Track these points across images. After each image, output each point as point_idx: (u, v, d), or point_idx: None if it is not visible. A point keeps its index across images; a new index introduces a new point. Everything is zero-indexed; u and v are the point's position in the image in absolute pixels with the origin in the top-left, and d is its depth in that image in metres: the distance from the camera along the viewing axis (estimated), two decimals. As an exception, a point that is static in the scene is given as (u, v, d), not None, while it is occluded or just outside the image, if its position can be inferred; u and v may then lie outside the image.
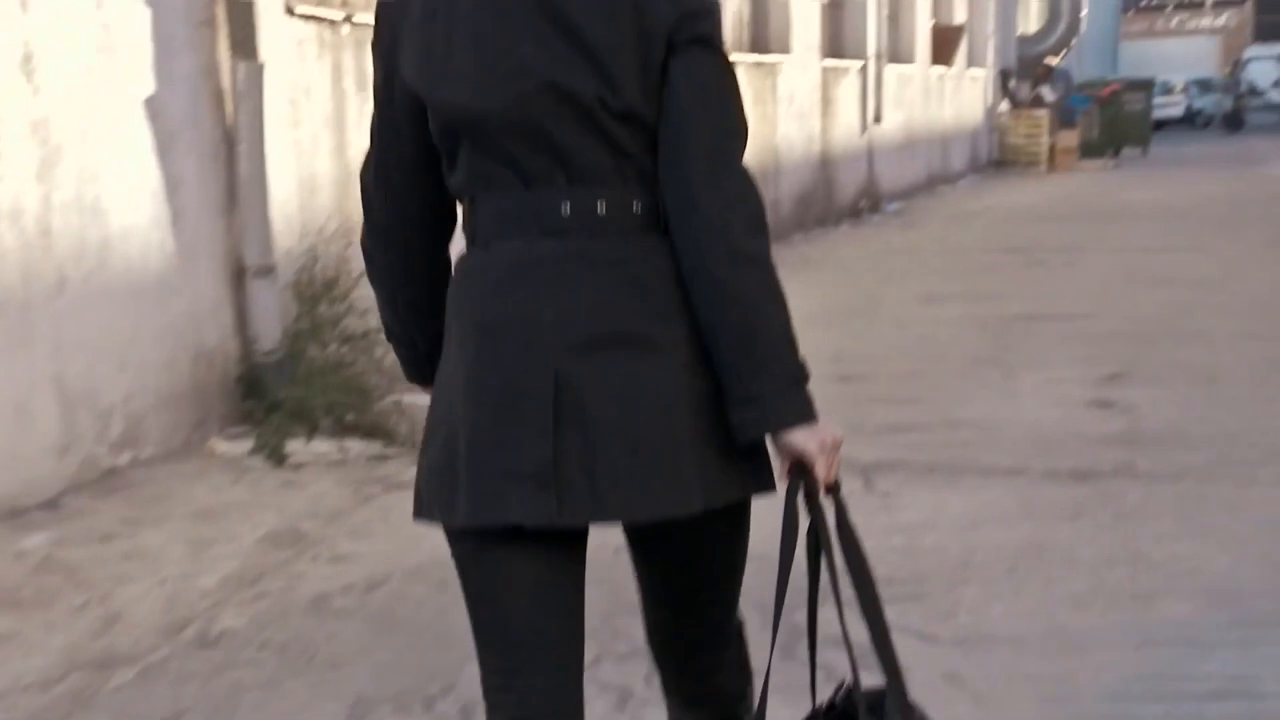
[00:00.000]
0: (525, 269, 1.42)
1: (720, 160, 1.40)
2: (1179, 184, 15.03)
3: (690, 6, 1.40)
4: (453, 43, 1.42)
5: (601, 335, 1.41)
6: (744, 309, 1.39)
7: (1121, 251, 8.59)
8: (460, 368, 1.44)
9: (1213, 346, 5.39)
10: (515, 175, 1.43)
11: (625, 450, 1.39)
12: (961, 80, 17.50)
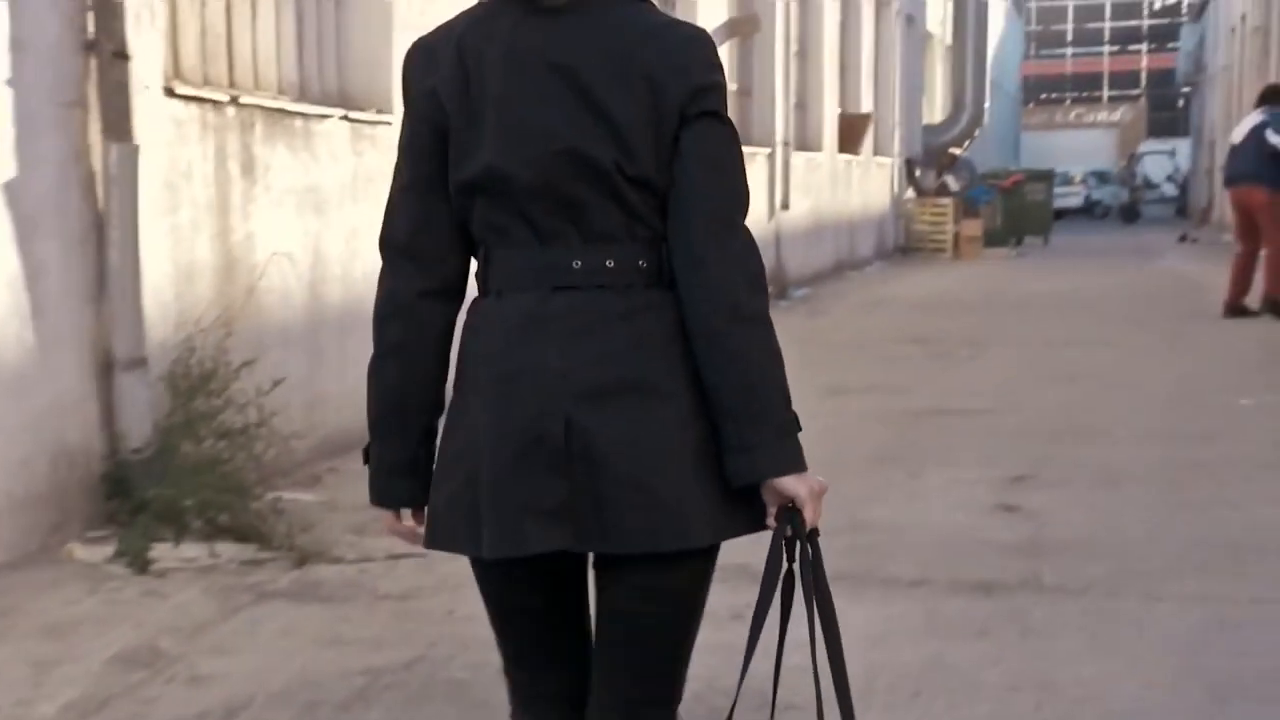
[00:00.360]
0: (538, 321, 1.53)
1: (725, 225, 1.53)
2: (1080, 275, 15.34)
3: (701, 83, 1.53)
4: (482, 104, 1.53)
5: (609, 383, 1.52)
6: (744, 364, 1.52)
7: (1026, 344, 8.63)
8: (478, 413, 1.55)
9: (1116, 446, 5.36)
10: (531, 232, 1.54)
11: (631, 488, 1.51)
12: (869, 168, 17.78)
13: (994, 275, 15.61)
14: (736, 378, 1.52)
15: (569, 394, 1.52)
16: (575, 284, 1.54)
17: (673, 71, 1.52)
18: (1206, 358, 7.76)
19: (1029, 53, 54.30)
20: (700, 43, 1.57)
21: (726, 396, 1.53)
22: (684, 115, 1.53)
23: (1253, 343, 8.26)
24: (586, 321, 1.54)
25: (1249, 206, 9.81)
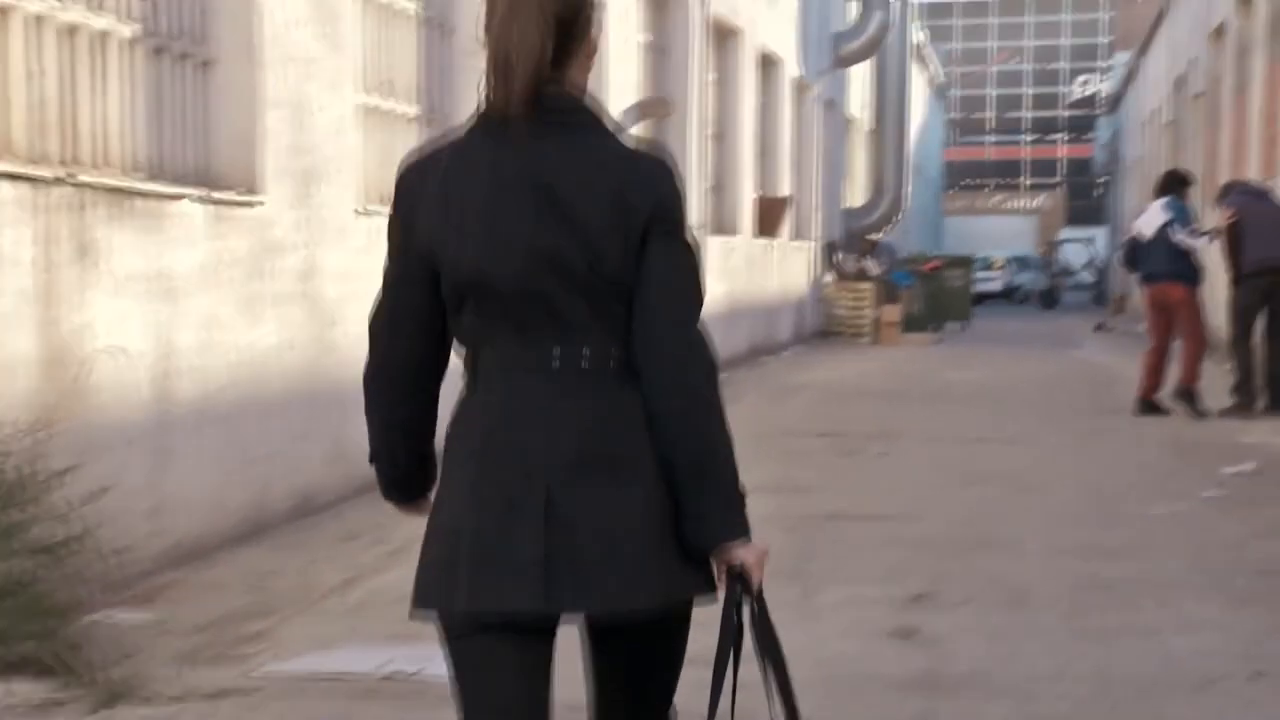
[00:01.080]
0: (521, 406, 1.76)
1: (683, 325, 1.75)
2: (997, 363, 15.26)
3: (663, 200, 1.76)
4: (466, 216, 1.74)
5: (582, 460, 1.73)
6: (699, 443, 1.74)
7: (938, 440, 8.38)
8: (464, 485, 1.75)
9: (1024, 561, 5.06)
10: (514, 328, 1.76)
11: (601, 554, 1.71)
12: (787, 251, 17.67)
13: (912, 362, 15.48)
14: (692, 455, 1.75)
15: (549, 468, 1.73)
16: (552, 375, 1.77)
17: (643, 191, 1.76)
18: (1119, 460, 7.54)
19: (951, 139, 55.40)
20: (664, 168, 1.81)
21: (683, 472, 1.75)
22: (648, 229, 1.75)
23: (1164, 445, 8.06)
24: (563, 406, 1.76)
25: (1167, 303, 9.72)
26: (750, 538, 1.76)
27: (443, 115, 7.63)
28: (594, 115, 1.82)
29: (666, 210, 1.78)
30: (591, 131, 1.81)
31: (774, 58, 16.91)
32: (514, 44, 1.74)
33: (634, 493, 1.75)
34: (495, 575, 1.71)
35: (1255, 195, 9.51)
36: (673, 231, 1.79)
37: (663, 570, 1.75)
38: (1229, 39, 16.09)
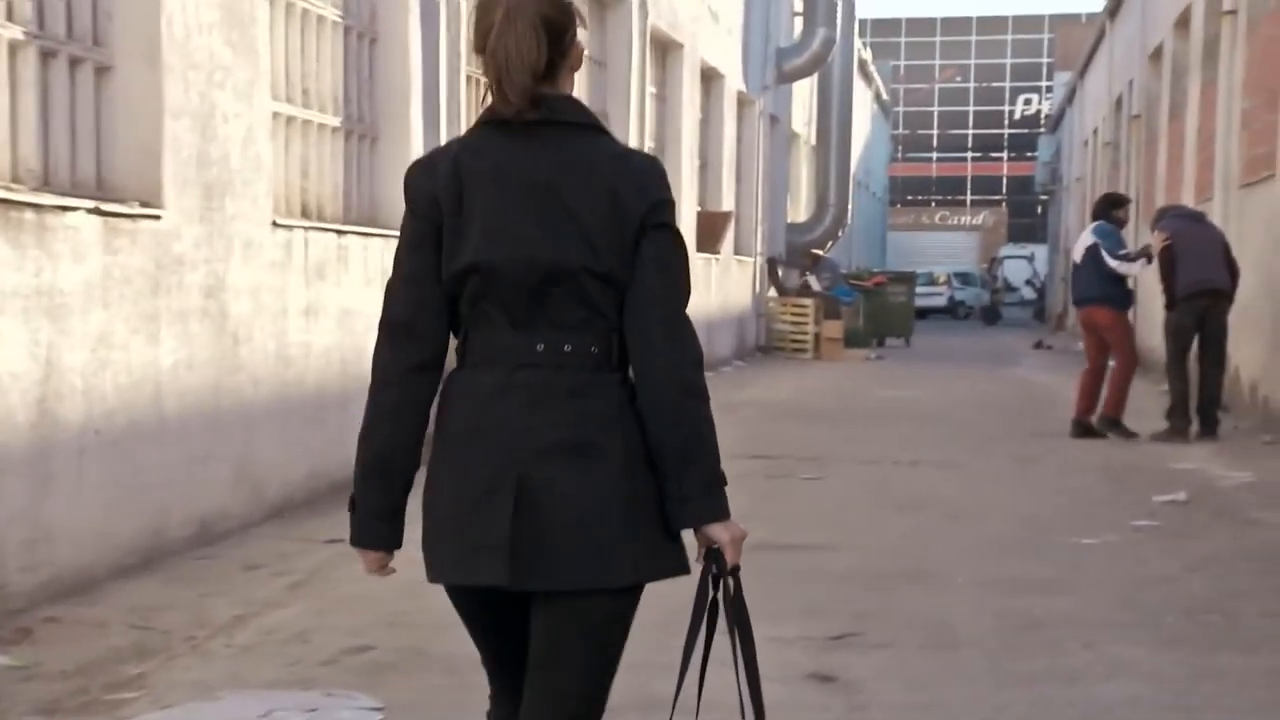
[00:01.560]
0: (503, 392, 1.91)
1: (675, 318, 1.92)
2: (936, 381, 15.21)
3: (655, 199, 1.92)
4: (470, 210, 1.90)
5: (557, 446, 1.89)
6: (686, 430, 1.89)
7: (872, 463, 8.24)
8: (447, 465, 1.93)
9: (952, 596, 4.90)
10: (506, 317, 1.92)
11: (568, 534, 1.87)
12: (729, 266, 17.55)
13: (852, 379, 15.39)
14: (679, 441, 1.88)
15: (524, 454, 1.88)
16: (537, 363, 1.91)
17: (635, 189, 1.90)
18: (1051, 486, 7.43)
19: (896, 155, 55.75)
20: (655, 167, 1.98)
21: (669, 456, 1.89)
22: (643, 224, 1.90)
23: (1097, 471, 7.98)
24: (542, 395, 1.89)
25: (1096, 326, 9.69)
26: (729, 518, 1.93)
27: (366, 125, 7.39)
28: (591, 117, 1.99)
29: (659, 206, 1.93)
30: (589, 132, 1.96)
31: (716, 72, 16.79)
32: (512, 52, 1.90)
33: (604, 478, 1.90)
34: (470, 552, 1.89)
35: (1189, 219, 9.48)
36: (664, 229, 1.94)
37: (633, 550, 1.90)
38: (1166, 61, 16.20)
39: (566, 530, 1.88)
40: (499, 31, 1.92)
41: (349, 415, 6.70)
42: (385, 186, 7.48)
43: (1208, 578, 5.19)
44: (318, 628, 4.26)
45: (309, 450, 6.36)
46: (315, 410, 6.44)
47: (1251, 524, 6.30)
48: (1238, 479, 7.58)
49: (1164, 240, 9.27)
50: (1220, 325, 9.37)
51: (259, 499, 5.86)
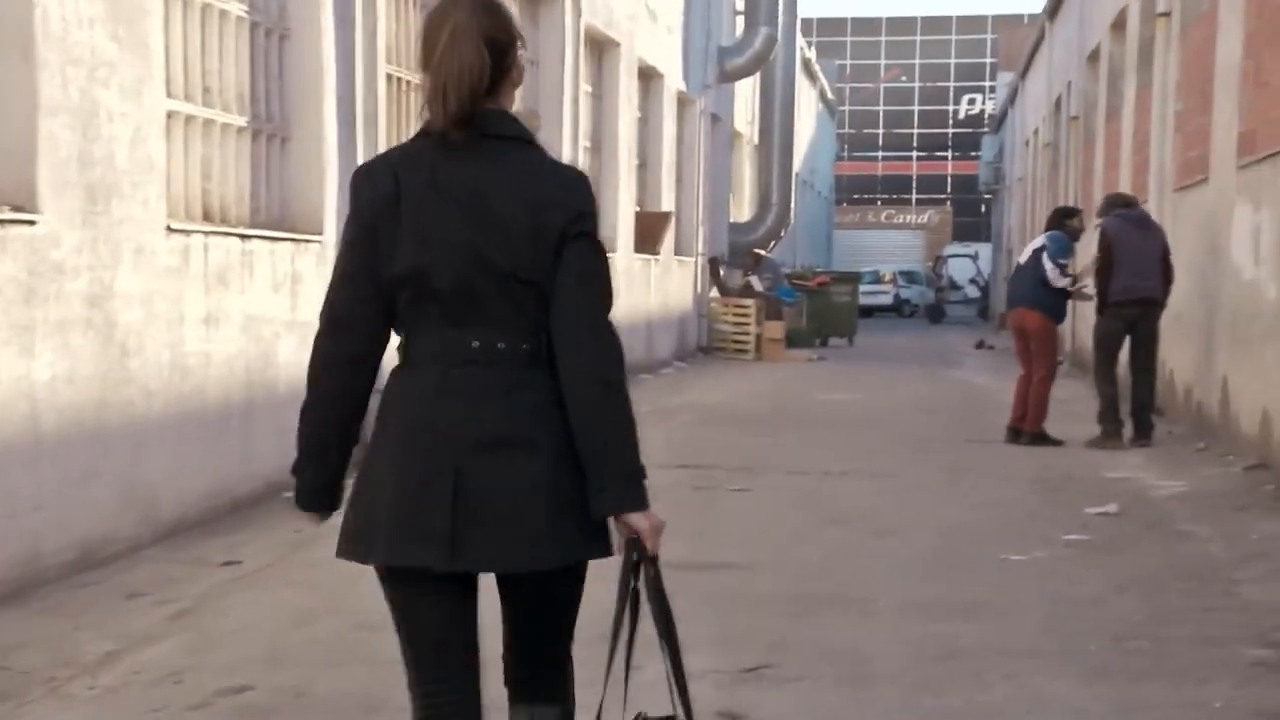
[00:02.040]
0: (442, 389, 2.10)
1: (596, 319, 2.11)
2: (876, 383, 15.10)
3: (578, 210, 2.12)
4: (407, 218, 2.08)
5: (492, 439, 2.08)
6: (606, 423, 2.08)
7: (803, 473, 8.05)
8: (387, 455, 2.10)
9: (873, 622, 4.70)
10: (442, 318, 2.10)
11: (502, 521, 2.06)
12: (669, 267, 17.33)
13: (791, 381, 15.24)
14: (601, 434, 2.06)
15: (461, 447, 2.06)
16: (473, 359, 2.09)
17: (560, 200, 2.08)
18: (982, 498, 7.27)
19: (842, 154, 55.90)
20: (580, 180, 2.15)
21: (591, 448, 2.06)
22: (565, 234, 2.07)
23: (1030, 480, 7.83)
24: (478, 391, 2.07)
25: (1024, 329, 9.58)
26: (648, 508, 2.09)
27: (276, 125, 7.09)
28: (522, 131, 2.14)
29: (581, 218, 2.10)
30: (520, 146, 2.12)
31: (655, 71, 16.56)
32: (455, 71, 2.05)
33: (536, 469, 2.06)
34: (411, 537, 2.05)
35: (1133, 223, 9.32)
36: (586, 236, 2.10)
37: (560, 535, 2.07)
38: (1103, 63, 16.19)
39: (500, 518, 2.05)
40: (445, 49, 2.07)
41: (255, 426, 6.41)
42: (297, 188, 7.18)
43: (1137, 598, 5.04)
44: (193, 666, 3.98)
45: (209, 465, 6.05)
46: (218, 422, 6.13)
47: (1182, 537, 6.17)
48: (1170, 488, 7.47)
49: (1100, 253, 9.18)
50: (1150, 331, 9.28)
51: (150, 519, 5.55)
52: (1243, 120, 8.81)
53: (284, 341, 6.72)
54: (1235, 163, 8.92)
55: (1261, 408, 7.94)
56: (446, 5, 2.14)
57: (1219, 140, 9.50)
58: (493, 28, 2.11)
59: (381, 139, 7.86)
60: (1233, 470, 7.97)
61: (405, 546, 2.07)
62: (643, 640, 2.21)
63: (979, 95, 59.73)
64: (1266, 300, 7.98)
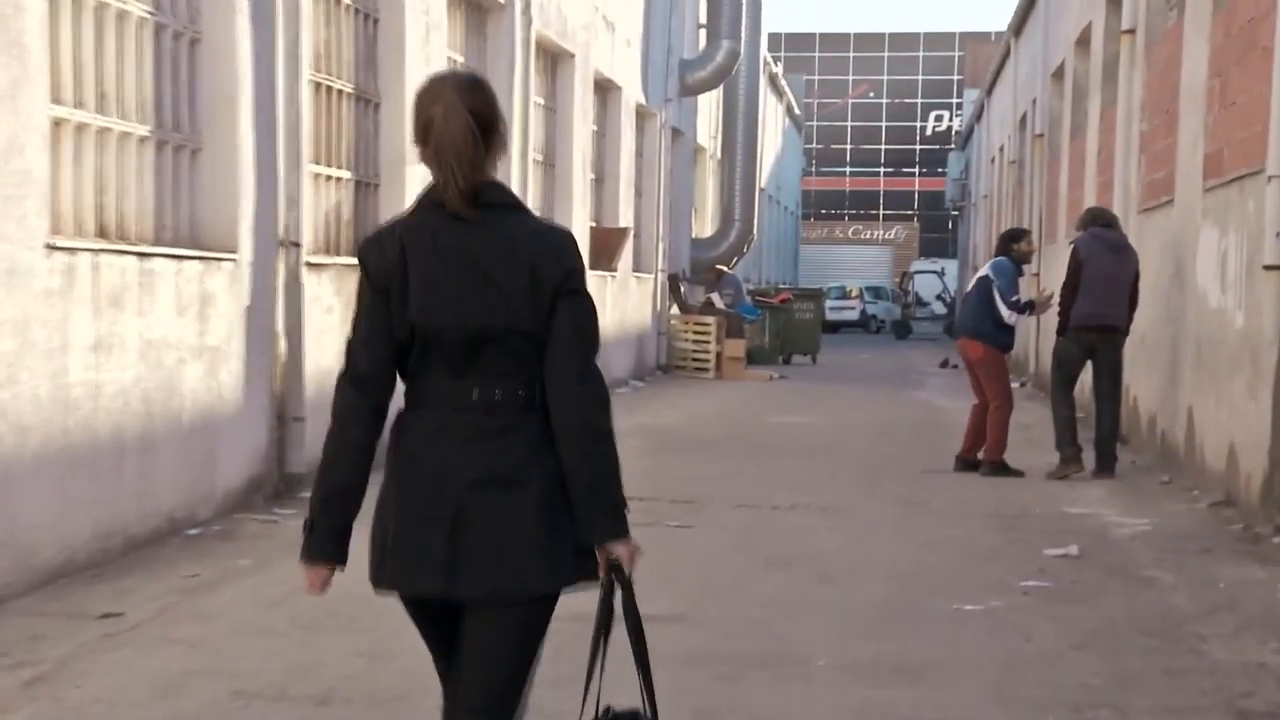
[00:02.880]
0: (443, 432, 2.35)
1: (583, 370, 2.35)
2: (836, 404, 14.75)
3: (568, 268, 2.36)
4: (415, 282, 2.33)
5: (488, 478, 2.32)
6: (592, 464, 2.34)
7: (750, 506, 7.64)
8: (394, 491, 2.36)
9: (808, 687, 4.29)
10: (446, 369, 2.36)
11: (494, 553, 2.30)
12: (627, 283, 16.93)
13: (749, 402, 14.86)
14: (587, 474, 2.34)
15: (461, 484, 2.32)
16: (471, 408, 2.35)
17: (551, 261, 2.34)
18: (938, 535, 6.87)
19: (810, 169, 55.75)
20: (569, 240, 2.42)
21: (579, 485, 2.33)
22: (558, 291, 2.34)
23: (987, 517, 7.45)
24: (475, 435, 2.34)
25: (967, 359, 9.23)
26: (629, 538, 2.34)
27: (185, 135, 6.62)
28: (514, 200, 2.40)
29: (571, 275, 2.33)
30: (511, 213, 2.37)
31: (612, 84, 16.18)
32: (452, 148, 2.29)
33: (527, 505, 2.29)
34: (412, 567, 2.31)
35: (1108, 245, 8.96)
36: (576, 292, 2.34)
37: (546, 566, 2.30)
38: (1067, 80, 15.93)
39: (493, 550, 2.29)
40: (439, 128, 2.30)
41: (156, 460, 5.94)
42: (209, 203, 6.72)
43: (1097, 657, 4.64)
44: (32, 749, 3.51)
45: (99, 504, 5.57)
46: (110, 458, 5.66)
47: (1145, 585, 5.80)
48: (1132, 527, 7.10)
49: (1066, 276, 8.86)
50: (1113, 358, 8.95)
51: (23, 566, 5.07)
52: (1208, 141, 8.50)
53: (190, 368, 6.25)
54: (1201, 185, 8.60)
55: (1228, 441, 7.59)
56: (436, 84, 2.38)
57: (1184, 161, 9.19)
58: (480, 105, 2.35)
59: (306, 151, 7.42)
60: (1197, 507, 7.62)
61: (408, 575, 2.34)
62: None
63: (946, 112, 59.78)
64: (1233, 329, 7.64)
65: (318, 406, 7.48)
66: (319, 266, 7.70)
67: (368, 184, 8.91)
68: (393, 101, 8.97)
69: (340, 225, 8.53)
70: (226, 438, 6.59)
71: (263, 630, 4.71)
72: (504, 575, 2.30)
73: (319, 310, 7.62)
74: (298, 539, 2.45)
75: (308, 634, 4.67)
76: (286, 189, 7.18)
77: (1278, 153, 6.69)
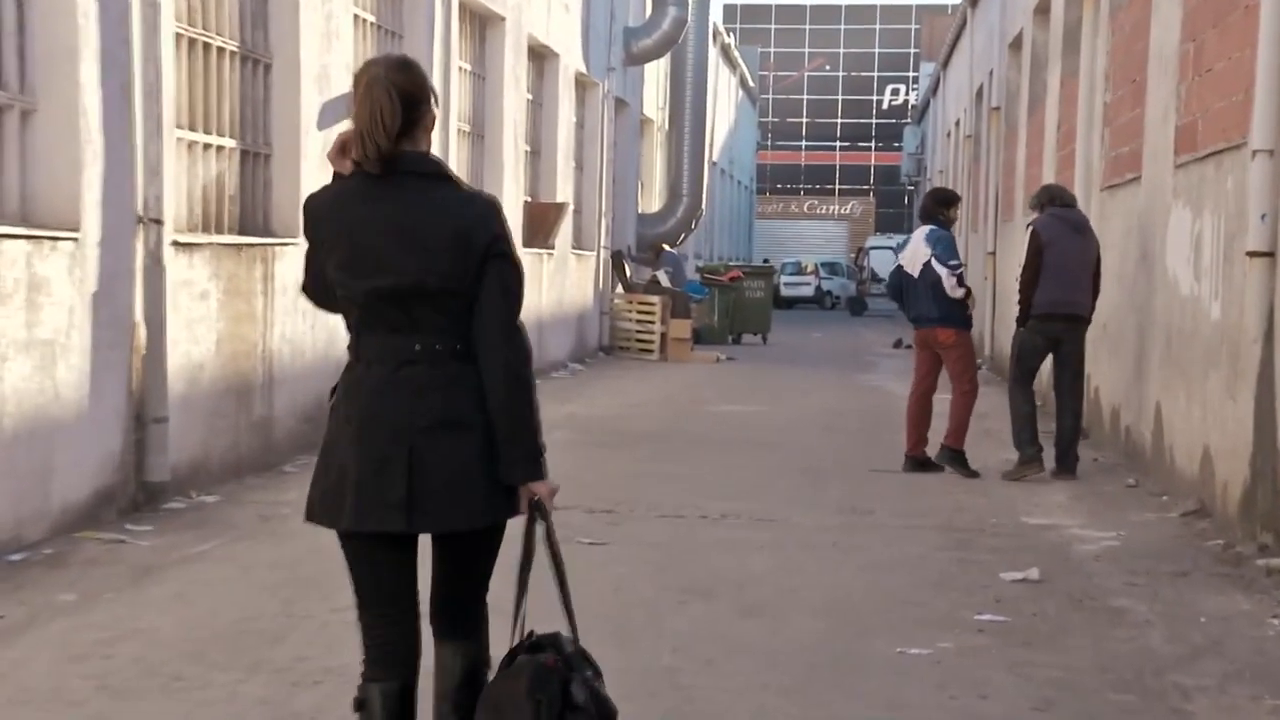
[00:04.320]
0: (391, 384, 2.66)
1: (508, 326, 2.68)
2: (783, 389, 14.05)
3: (494, 234, 2.67)
4: (352, 247, 2.65)
5: (435, 423, 2.65)
6: (515, 410, 2.67)
7: (674, 517, 6.85)
8: (348, 438, 2.68)
9: (715, 772, 3.51)
10: (386, 326, 2.67)
11: (448, 490, 2.66)
12: (565, 261, 16.08)
13: (692, 385, 14.11)
14: (509, 420, 2.66)
15: (412, 430, 2.64)
16: (414, 359, 2.67)
17: (479, 226, 2.66)
18: (883, 554, 6.11)
19: (765, 143, 54.98)
20: (492, 207, 2.74)
21: (502, 430, 2.67)
22: (486, 254, 2.65)
23: (938, 528, 6.71)
24: (422, 384, 2.66)
25: (938, 345, 8.48)
26: (546, 478, 2.73)
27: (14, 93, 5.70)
28: (441, 169, 2.74)
29: (497, 240, 2.67)
30: (438, 181, 2.70)
31: (549, 50, 15.27)
32: (368, 118, 2.61)
33: (470, 446, 2.67)
34: (374, 506, 2.64)
35: (1070, 229, 8.22)
36: (502, 255, 2.68)
37: (488, 501, 2.69)
38: (1026, 51, 15.20)
39: (445, 488, 2.65)
40: (360, 99, 2.64)
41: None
42: (45, 174, 5.82)
43: None
44: None
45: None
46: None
47: (1115, 618, 5.07)
48: (1099, 542, 6.39)
49: (1025, 261, 8.13)
50: (1076, 352, 8.25)
51: None
52: (1181, 112, 7.76)
53: (13, 365, 5.36)
54: (1172, 160, 7.88)
55: (1201, 444, 6.89)
56: (368, 62, 2.72)
57: (1153, 135, 8.46)
58: (405, 82, 2.65)
59: (169, 114, 6.51)
60: (1168, 517, 6.92)
61: (371, 514, 2.65)
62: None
63: (903, 86, 59.17)
64: (1208, 321, 6.93)
65: (187, 405, 6.61)
66: (190, 246, 6.81)
67: (257, 153, 8.00)
68: (286, 62, 8.06)
69: (223, 199, 7.61)
70: (65, 444, 5.71)
71: (55, 696, 3.87)
72: (454, 511, 2.65)
73: (190, 296, 6.73)
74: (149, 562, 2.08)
75: (114, 701, 3.84)
76: (146, 158, 6.27)
77: (1264, 124, 5.95)
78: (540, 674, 2.63)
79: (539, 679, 2.62)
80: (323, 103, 8.35)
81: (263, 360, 7.55)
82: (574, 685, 2.65)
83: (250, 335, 7.40)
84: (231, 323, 7.15)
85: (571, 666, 2.68)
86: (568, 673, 2.66)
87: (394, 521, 2.63)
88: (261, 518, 6.39)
